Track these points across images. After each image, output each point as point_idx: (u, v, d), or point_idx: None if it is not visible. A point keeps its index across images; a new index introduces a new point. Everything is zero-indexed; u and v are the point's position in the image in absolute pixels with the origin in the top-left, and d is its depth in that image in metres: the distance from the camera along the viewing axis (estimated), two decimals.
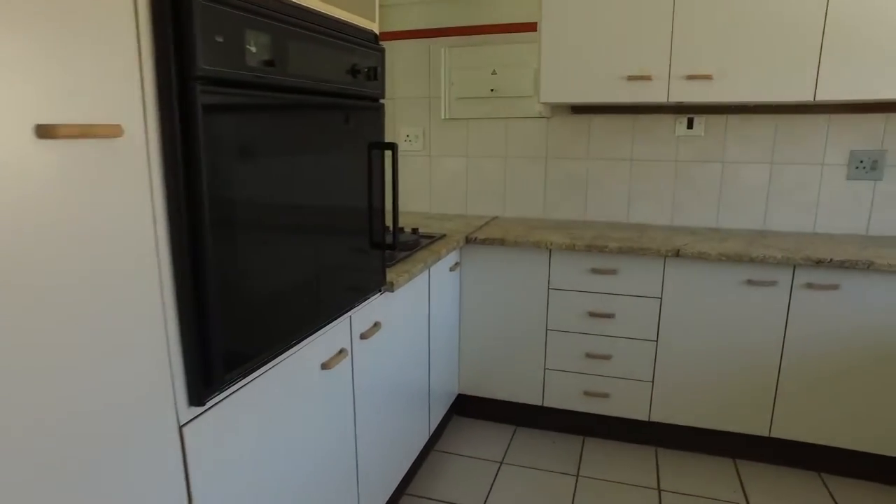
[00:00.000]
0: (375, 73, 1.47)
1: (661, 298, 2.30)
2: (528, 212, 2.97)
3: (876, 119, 2.46)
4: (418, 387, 2.14)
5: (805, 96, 2.19)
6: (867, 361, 2.14)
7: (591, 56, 2.38)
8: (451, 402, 2.60)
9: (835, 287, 2.12)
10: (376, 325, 1.68)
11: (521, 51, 2.81)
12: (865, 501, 2.16)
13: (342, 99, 1.37)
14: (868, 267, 2.04)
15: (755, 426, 2.31)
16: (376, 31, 1.54)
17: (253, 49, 0.98)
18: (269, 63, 1.03)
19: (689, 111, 2.65)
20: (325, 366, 1.43)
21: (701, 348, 2.29)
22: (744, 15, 2.20)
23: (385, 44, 3.01)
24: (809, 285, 2.14)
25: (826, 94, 2.17)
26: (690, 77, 2.28)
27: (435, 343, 2.28)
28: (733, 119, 2.60)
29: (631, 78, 2.35)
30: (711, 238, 2.43)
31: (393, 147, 1.53)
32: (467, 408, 2.70)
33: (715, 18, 2.23)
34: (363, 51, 1.43)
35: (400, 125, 3.10)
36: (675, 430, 2.43)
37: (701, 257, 2.18)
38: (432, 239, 2.32)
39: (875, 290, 2.09)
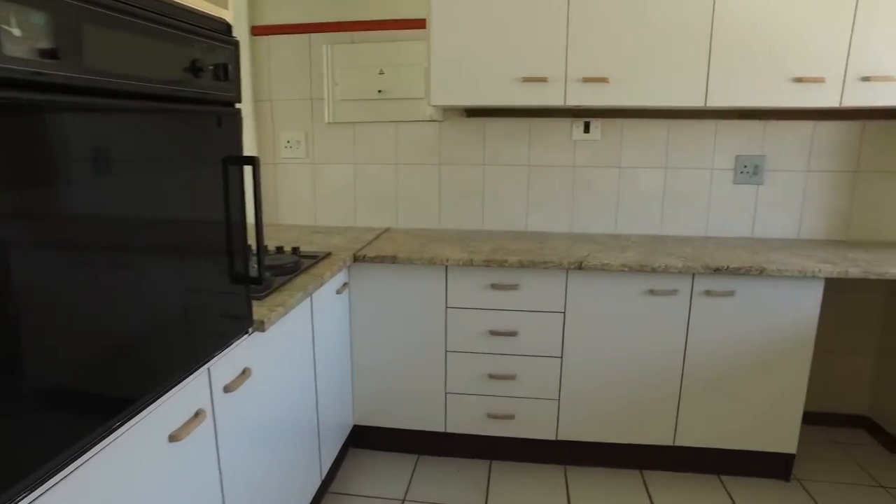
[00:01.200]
0: (226, 72, 1.19)
1: (564, 313, 2.18)
2: (422, 222, 2.77)
3: (756, 125, 2.50)
4: (305, 428, 1.88)
5: (697, 102, 2.16)
6: (760, 363, 2.16)
7: (483, 56, 2.22)
8: (346, 435, 2.34)
9: (731, 293, 2.10)
10: (245, 372, 1.40)
11: (410, 49, 2.61)
12: (762, 498, 2.19)
13: (178, 104, 1.08)
14: (760, 273, 2.04)
15: (660, 436, 2.26)
16: (229, 20, 1.27)
17: (16, 32, 0.69)
18: (50, 53, 0.75)
19: (586, 115, 2.57)
20: (173, 437, 1.14)
21: (606, 362, 2.21)
22: (637, 19, 2.14)
23: (260, 39, 2.70)
24: (708, 293, 2.11)
25: (715, 101, 2.16)
26: (587, 80, 2.19)
27: (323, 376, 2.02)
28: (629, 123, 2.56)
29: (526, 80, 2.22)
30: (612, 247, 2.35)
31: (253, 162, 1.26)
32: (365, 439, 2.46)
33: (610, 21, 2.15)
34: (209, 44, 1.15)
35: (280, 129, 2.79)
36: (584, 447, 2.33)
37: (604, 269, 2.08)
38: (315, 259, 2.06)
39: (766, 295, 2.10)
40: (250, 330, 1.41)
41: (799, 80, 2.11)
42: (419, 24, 2.54)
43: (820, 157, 2.52)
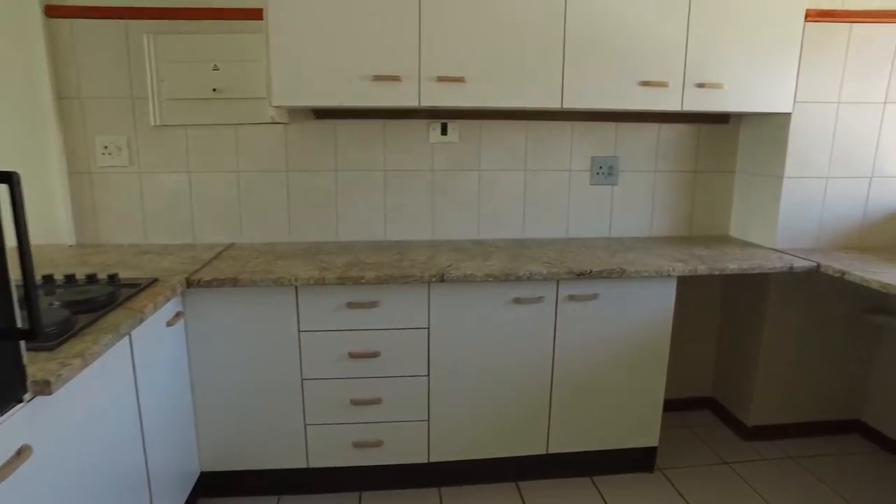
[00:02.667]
0: None
1: (428, 328, 2.05)
2: (271, 235, 2.50)
3: (609, 127, 2.55)
4: (129, 489, 1.56)
5: (553, 103, 2.13)
6: (623, 362, 2.18)
7: (330, 52, 2.02)
8: (191, 485, 2.02)
9: (594, 297, 2.10)
10: (22, 453, 1.08)
11: (249, 42, 2.32)
12: (630, 491, 2.23)
13: None
14: (621, 275, 2.05)
15: (534, 445, 2.21)
16: None
17: None
18: None
19: (443, 116, 2.45)
20: None
21: (476, 375, 2.11)
22: (493, 18, 2.05)
23: (59, 22, 2.26)
24: (572, 297, 2.08)
25: (571, 102, 2.14)
26: (442, 79, 2.06)
27: (153, 425, 1.70)
28: (487, 125, 2.48)
29: (377, 78, 2.04)
30: (475, 254, 2.26)
31: (10, 179, 0.96)
32: (216, 486, 2.15)
33: (464, 18, 2.04)
34: None
35: (94, 133, 2.37)
36: (458, 467, 2.22)
37: (467, 279, 1.97)
38: (137, 288, 1.73)
39: (627, 295, 2.12)
40: (27, 396, 1.09)
41: (646, 83, 2.15)
42: (256, 14, 2.26)
43: (665, 159, 2.62)
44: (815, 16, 2.26)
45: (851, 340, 2.60)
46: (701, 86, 2.19)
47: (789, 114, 2.34)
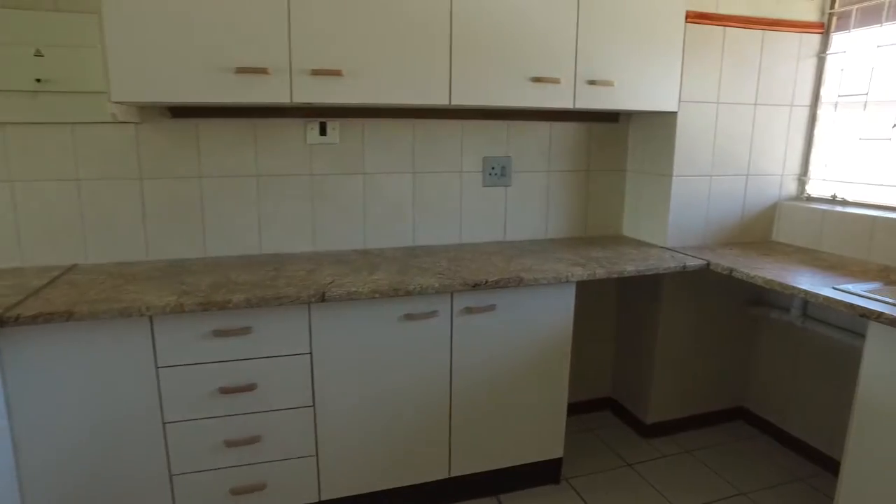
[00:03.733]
0: None
1: (311, 354, 1.82)
2: (123, 254, 2.14)
3: (501, 126, 2.44)
4: None
5: (442, 100, 1.97)
6: (525, 374, 2.08)
7: (182, 37, 1.72)
8: None
9: (492, 308, 1.97)
10: None
11: (81, 23, 1.95)
12: None
13: None
14: (519, 283, 1.93)
15: (435, 470, 2.05)
16: None
17: None
18: None
19: (321, 114, 2.21)
20: None
21: (368, 401, 1.91)
22: (372, 5, 1.85)
23: None
24: (468, 310, 1.94)
25: (460, 99, 1.99)
26: (317, 73, 1.83)
27: None
28: (371, 124, 2.28)
29: (241, 71, 1.78)
30: (361, 267, 2.05)
31: None
32: None
33: (340, 3, 1.82)
34: None
35: None
36: (353, 502, 2.00)
37: (352, 297, 1.76)
38: None
39: (526, 304, 2.02)
40: None
41: (538, 80, 2.05)
42: None
43: (558, 158, 2.55)
44: (693, 17, 2.27)
45: (735, 332, 2.69)
46: (592, 83, 2.12)
47: (675, 113, 2.34)
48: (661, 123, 2.43)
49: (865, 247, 2.29)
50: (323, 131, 2.23)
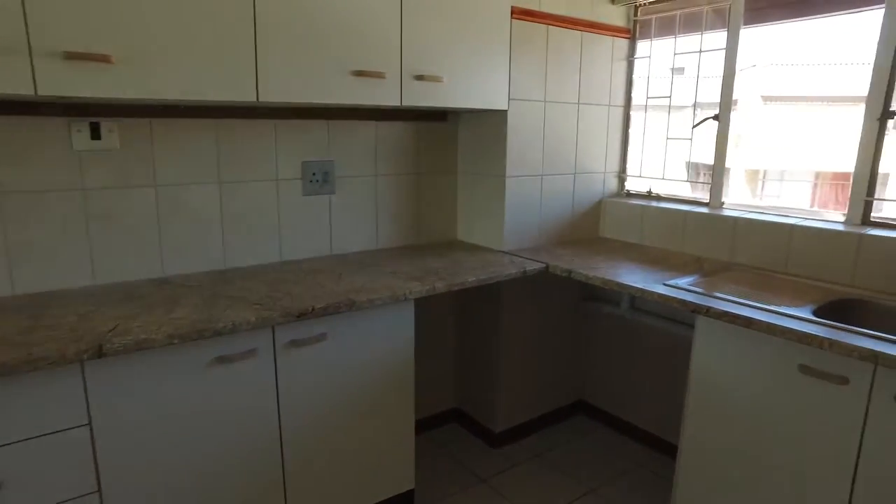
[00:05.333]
0: None
1: (90, 425, 1.39)
2: None
3: (321, 126, 2.16)
4: None
5: (247, 96, 1.64)
6: (366, 405, 1.85)
7: None
8: None
9: (322, 337, 1.69)
10: None
11: None
12: None
13: None
14: (352, 306, 1.68)
15: None
16: None
17: None
18: None
19: (91, 112, 1.75)
20: None
21: (174, 471, 1.53)
22: None
23: None
24: (295, 343, 1.65)
25: (270, 96, 1.67)
26: (73, 56, 1.40)
27: None
28: (161, 125, 1.86)
29: None
30: (156, 302, 1.65)
31: None
32: None
33: None
34: None
35: None
36: None
37: (142, 347, 1.38)
38: None
39: (361, 328, 1.78)
40: None
41: (360, 73, 1.81)
42: None
43: (386, 160, 2.34)
44: (518, 14, 2.20)
45: (572, 329, 2.71)
46: (420, 78, 1.94)
47: (506, 111, 2.26)
48: (492, 122, 2.34)
49: (680, 239, 2.42)
50: (96, 134, 1.77)
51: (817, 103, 9.64)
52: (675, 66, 2.52)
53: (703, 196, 2.49)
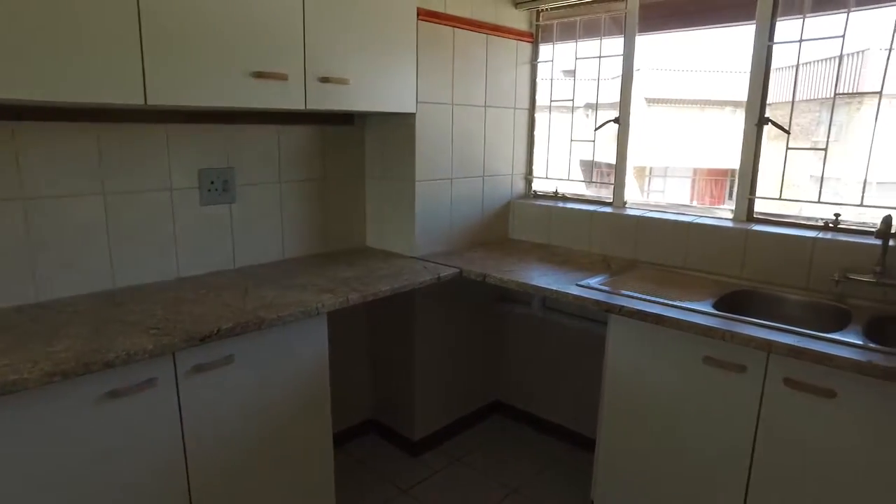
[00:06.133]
0: None
1: None
2: None
3: (218, 131, 2.00)
4: None
5: (134, 98, 1.48)
6: (279, 430, 1.73)
7: None
8: None
9: (229, 360, 1.57)
10: None
11: None
12: None
13: None
14: (260, 325, 1.57)
15: None
16: None
17: None
18: None
19: None
20: None
21: None
22: None
23: None
24: (199, 368, 1.51)
25: (160, 98, 1.52)
26: None
27: None
28: (27, 129, 1.63)
29: None
30: (32, 333, 1.45)
31: None
32: None
33: None
34: None
35: None
36: None
37: (11, 390, 1.19)
38: None
39: (271, 346, 1.66)
40: None
41: (261, 75, 1.69)
42: None
43: (291, 166, 2.22)
44: (424, 15, 2.17)
45: (486, 330, 2.72)
46: (325, 80, 1.85)
47: (414, 114, 2.21)
48: (400, 126, 2.29)
49: (587, 238, 2.49)
50: None
51: (693, 106, 10.46)
52: (576, 69, 2.59)
53: (600, 194, 2.60)
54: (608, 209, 2.48)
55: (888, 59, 1.82)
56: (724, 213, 2.27)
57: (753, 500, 1.63)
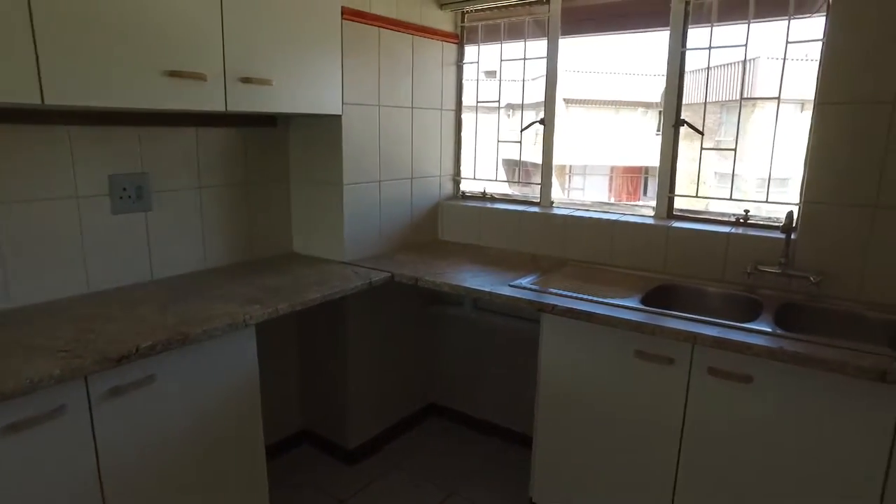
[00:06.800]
0: None
1: None
2: None
3: (130, 134, 1.87)
4: None
5: (29, 98, 1.34)
6: (208, 453, 1.64)
7: None
8: None
9: (150, 380, 1.46)
10: None
11: None
12: None
13: None
14: (184, 341, 1.48)
15: None
16: None
17: None
18: None
19: None
20: None
21: None
22: None
23: None
24: (116, 391, 1.39)
25: (61, 98, 1.39)
26: None
27: None
28: None
29: None
30: None
31: None
32: None
33: None
34: None
35: None
36: None
37: None
38: None
39: (196, 363, 1.57)
40: None
41: (175, 74, 1.58)
42: None
43: (211, 170, 2.11)
44: (349, 14, 2.11)
45: (419, 333, 2.71)
46: (247, 81, 1.76)
47: (340, 116, 2.16)
48: (325, 128, 2.22)
49: (516, 238, 2.53)
50: None
51: (608, 107, 10.91)
52: (501, 70, 2.62)
53: (524, 193, 2.65)
54: (536, 209, 2.52)
55: (783, 66, 1.95)
56: (646, 210, 2.36)
57: (683, 485, 1.70)
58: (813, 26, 1.90)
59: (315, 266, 2.22)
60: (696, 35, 2.14)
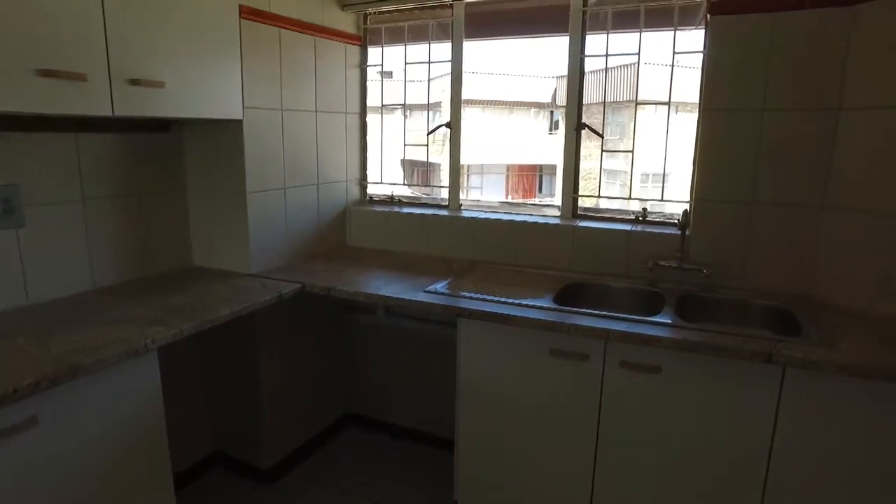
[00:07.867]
0: None
1: None
2: None
3: None
4: None
5: None
6: (108, 483, 1.49)
7: None
8: None
9: (32, 423, 1.30)
10: None
11: None
12: None
13: None
14: (74, 375, 1.33)
15: None
16: None
17: None
18: None
19: None
20: None
21: None
22: None
23: None
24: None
25: None
26: None
27: None
28: None
29: None
30: None
31: None
32: None
33: None
34: None
35: None
36: None
37: None
38: None
39: (90, 399, 1.42)
40: None
41: (49, 73, 1.41)
42: None
43: (95, 181, 1.91)
44: (248, 14, 2.00)
45: (333, 342, 2.63)
46: (136, 83, 1.61)
47: (241, 121, 2.04)
48: (225, 133, 2.09)
49: (426, 242, 2.52)
50: None
51: (503, 108, 11.22)
52: (406, 73, 2.60)
53: (423, 193, 2.66)
54: (444, 212, 2.52)
55: (672, 72, 2.09)
56: (551, 210, 2.44)
57: (601, 476, 1.77)
58: (695, 37, 2.05)
59: (220, 280, 2.09)
60: (593, 41, 2.24)
